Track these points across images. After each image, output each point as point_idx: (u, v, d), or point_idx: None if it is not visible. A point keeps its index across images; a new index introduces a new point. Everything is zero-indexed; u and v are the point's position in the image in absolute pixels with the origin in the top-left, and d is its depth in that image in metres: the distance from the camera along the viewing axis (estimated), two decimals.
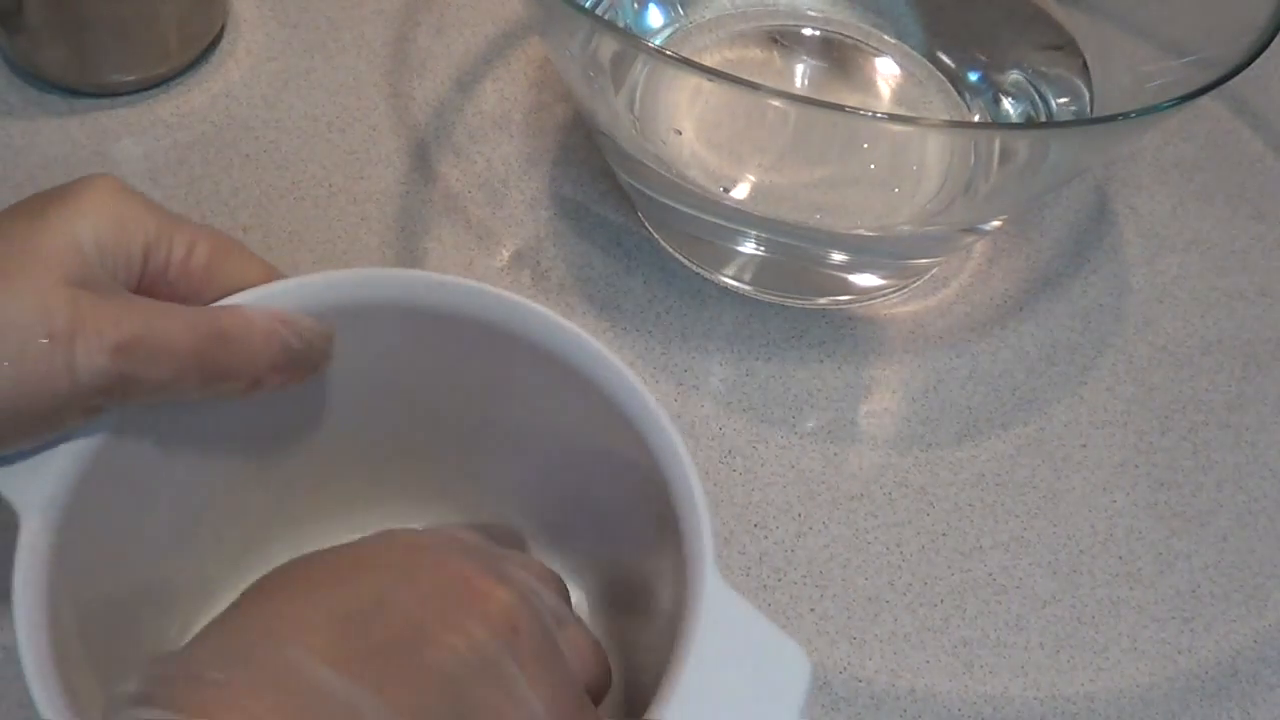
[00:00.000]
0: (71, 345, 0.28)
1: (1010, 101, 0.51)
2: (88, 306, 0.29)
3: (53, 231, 0.30)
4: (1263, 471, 0.46)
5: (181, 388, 0.31)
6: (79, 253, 0.30)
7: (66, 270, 0.29)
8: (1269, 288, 0.52)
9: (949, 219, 0.48)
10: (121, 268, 0.31)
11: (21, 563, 0.29)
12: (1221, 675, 0.41)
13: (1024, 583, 0.43)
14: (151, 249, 0.31)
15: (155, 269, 0.32)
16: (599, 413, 0.33)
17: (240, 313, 0.32)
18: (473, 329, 0.34)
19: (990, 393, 0.47)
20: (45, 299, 0.28)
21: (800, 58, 0.54)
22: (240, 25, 0.55)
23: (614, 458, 0.34)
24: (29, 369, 0.28)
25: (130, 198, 0.31)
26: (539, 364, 0.34)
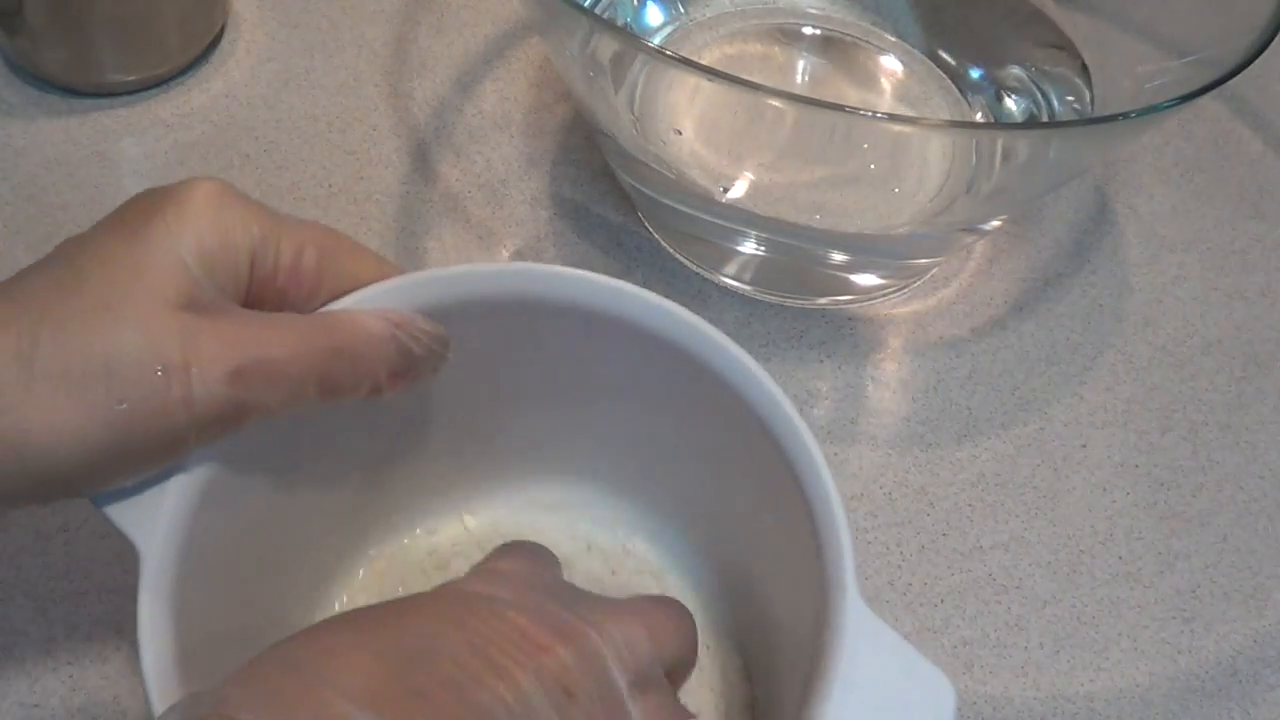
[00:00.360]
0: (187, 376, 0.27)
1: (1013, 99, 0.51)
2: (200, 332, 0.28)
3: (156, 250, 0.28)
4: (1263, 471, 0.46)
5: (299, 406, 0.30)
6: (185, 272, 0.28)
7: (174, 293, 0.28)
8: (1269, 288, 0.52)
9: (949, 219, 0.48)
10: (229, 280, 0.30)
11: (145, 602, 0.28)
12: (1221, 675, 0.41)
13: (1024, 583, 0.43)
14: (258, 256, 0.30)
15: (263, 276, 0.30)
16: (733, 419, 0.32)
17: (356, 321, 0.31)
18: (599, 324, 0.33)
19: (990, 393, 0.47)
20: (155, 329, 0.27)
21: (800, 56, 0.54)
22: (240, 25, 0.55)
23: (750, 472, 0.33)
24: (144, 403, 0.27)
25: (233, 203, 0.30)
26: (677, 366, 0.33)
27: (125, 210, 0.30)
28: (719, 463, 0.35)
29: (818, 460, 0.31)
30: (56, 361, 0.26)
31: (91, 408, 0.26)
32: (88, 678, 0.37)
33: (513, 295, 0.33)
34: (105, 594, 0.39)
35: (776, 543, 0.33)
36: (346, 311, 0.31)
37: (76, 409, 0.26)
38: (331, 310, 0.31)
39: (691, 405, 0.34)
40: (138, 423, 0.27)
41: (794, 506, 0.31)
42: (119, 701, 0.37)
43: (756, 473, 0.33)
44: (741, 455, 0.33)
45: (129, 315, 0.27)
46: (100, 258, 0.28)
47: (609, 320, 0.33)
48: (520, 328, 0.34)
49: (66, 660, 0.37)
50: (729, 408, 0.32)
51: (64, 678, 0.37)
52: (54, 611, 0.38)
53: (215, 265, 0.29)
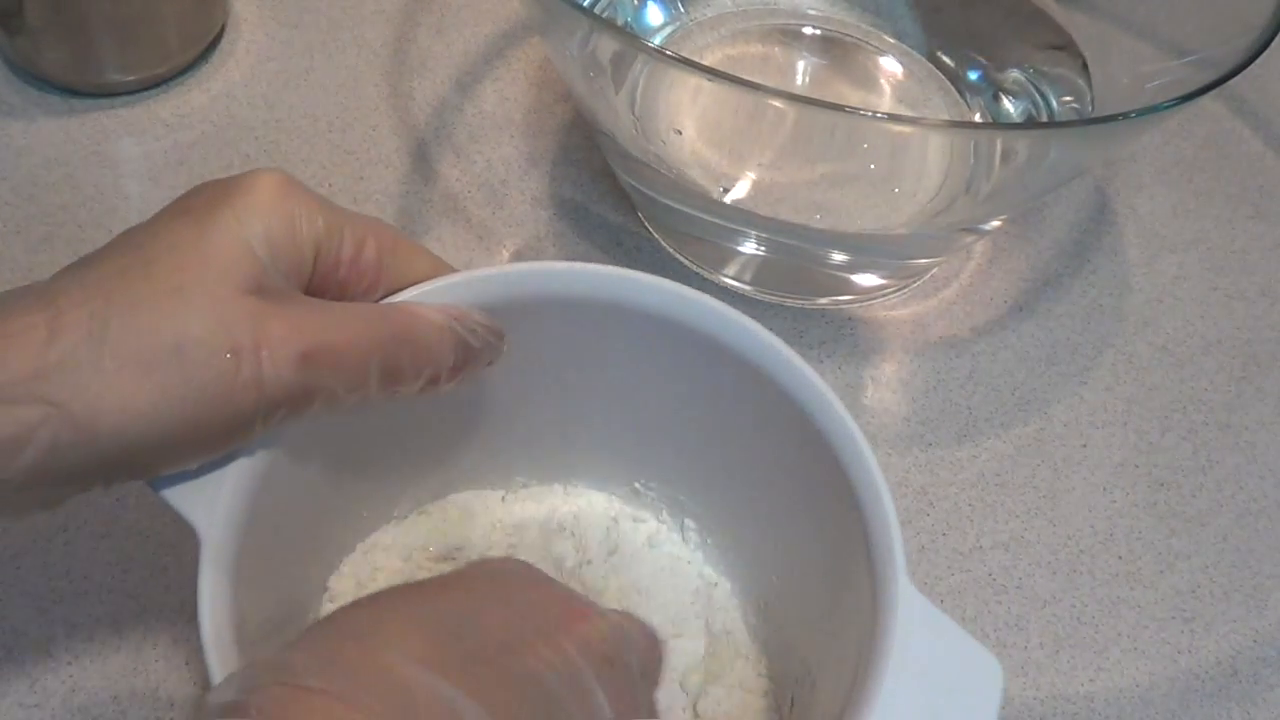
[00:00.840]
0: (257, 359, 0.27)
1: (1011, 100, 0.51)
2: (269, 317, 0.28)
3: (224, 236, 0.28)
4: (1263, 471, 0.46)
5: (362, 394, 0.30)
6: (252, 257, 0.29)
7: (242, 278, 0.28)
8: (1269, 288, 0.52)
9: (949, 219, 0.48)
10: (294, 269, 0.30)
11: (205, 586, 0.29)
12: (1221, 675, 0.41)
13: (1024, 583, 0.43)
14: (322, 247, 0.30)
15: (326, 267, 0.31)
16: (777, 409, 0.33)
17: (418, 312, 0.31)
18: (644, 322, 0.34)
19: (990, 393, 0.47)
20: (225, 313, 0.27)
21: (801, 56, 0.54)
22: (240, 25, 0.55)
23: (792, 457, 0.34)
24: (213, 387, 0.27)
25: (300, 194, 0.30)
26: (714, 358, 0.34)
27: (189, 199, 0.30)
28: (766, 456, 0.36)
29: (863, 446, 0.31)
30: (128, 344, 0.27)
31: (163, 389, 0.27)
32: (88, 678, 0.37)
33: (568, 295, 0.34)
34: (105, 594, 0.39)
35: (824, 534, 0.34)
36: (407, 303, 0.32)
37: (148, 390, 0.27)
38: (393, 301, 0.32)
39: (738, 400, 0.35)
40: (207, 405, 0.27)
41: (841, 495, 0.31)
42: (119, 701, 0.37)
43: (803, 465, 0.33)
44: (789, 449, 0.34)
45: (199, 299, 0.27)
46: (168, 243, 0.28)
47: (652, 318, 0.34)
48: (572, 325, 0.35)
49: (66, 660, 0.37)
50: (774, 400, 0.33)
51: (64, 678, 0.37)
52: (54, 611, 0.38)
53: (281, 254, 0.29)
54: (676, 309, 0.34)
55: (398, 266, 0.32)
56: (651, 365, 0.36)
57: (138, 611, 0.39)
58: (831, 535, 0.33)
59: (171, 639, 0.38)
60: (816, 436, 0.32)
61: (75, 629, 0.38)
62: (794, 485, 0.35)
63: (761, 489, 0.37)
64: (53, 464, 0.27)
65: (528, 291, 0.34)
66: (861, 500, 0.31)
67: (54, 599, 0.39)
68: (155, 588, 0.39)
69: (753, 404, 0.34)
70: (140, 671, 0.37)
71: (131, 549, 0.40)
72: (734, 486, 0.38)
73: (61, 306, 0.27)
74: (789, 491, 0.35)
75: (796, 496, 0.35)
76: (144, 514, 0.40)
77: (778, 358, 0.33)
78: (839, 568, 0.32)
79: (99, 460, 0.27)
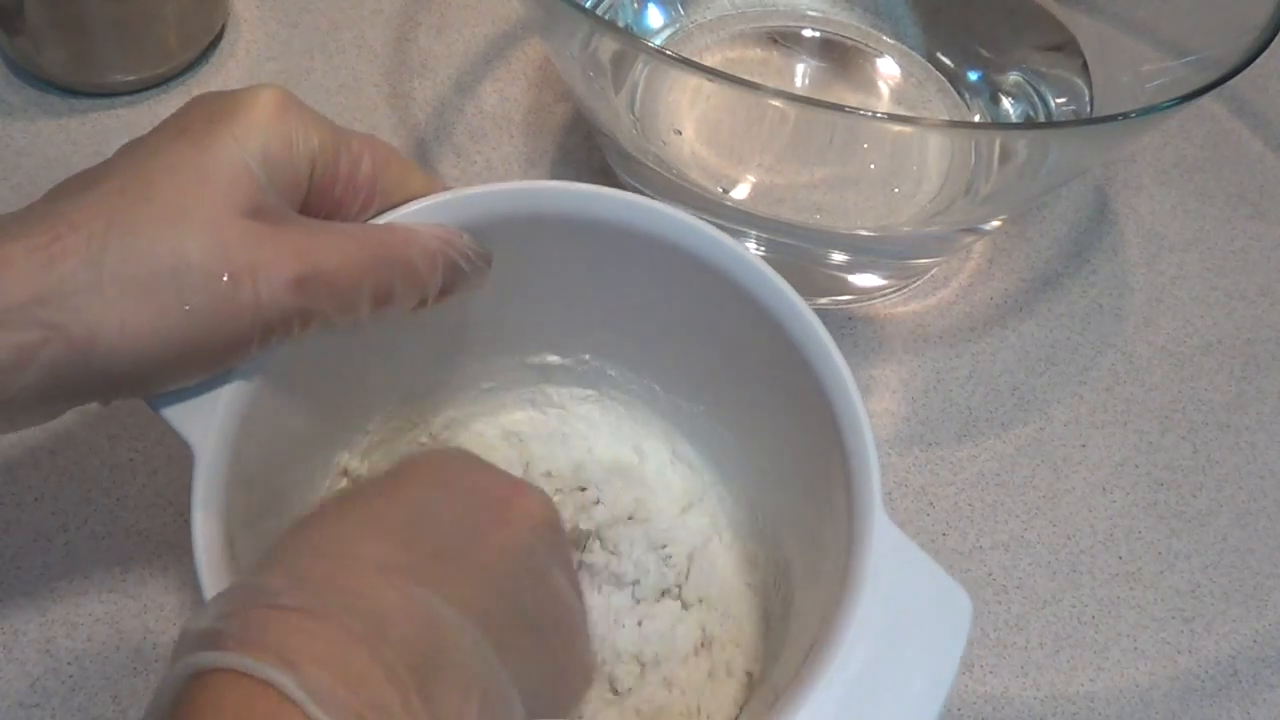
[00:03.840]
0: (253, 281, 0.28)
1: (1010, 101, 0.51)
2: (266, 240, 0.28)
3: (223, 157, 0.29)
4: (1263, 471, 0.46)
5: (354, 315, 0.30)
6: (250, 177, 0.29)
7: (240, 198, 0.28)
8: (1269, 288, 0.52)
9: (949, 219, 0.48)
10: (290, 187, 0.30)
11: (199, 500, 0.29)
12: (1221, 675, 0.41)
13: (1024, 583, 0.43)
14: (319, 165, 0.31)
15: (322, 184, 0.31)
16: (760, 330, 0.34)
17: (410, 235, 0.32)
18: (627, 238, 0.34)
19: (990, 393, 0.47)
20: (222, 236, 0.28)
21: (800, 58, 0.54)
22: (240, 25, 0.55)
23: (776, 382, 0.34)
24: (210, 310, 0.28)
25: (297, 111, 0.30)
26: (700, 277, 0.34)
27: (187, 116, 0.30)
28: (754, 380, 0.36)
29: (845, 376, 0.32)
30: (126, 266, 0.27)
31: (160, 311, 0.27)
32: (88, 678, 0.37)
33: (555, 212, 0.34)
34: (105, 594, 0.39)
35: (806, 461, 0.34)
36: (400, 225, 0.32)
37: (145, 312, 0.27)
38: (386, 222, 0.32)
39: (721, 316, 0.35)
40: (204, 326, 0.28)
41: (823, 425, 0.32)
42: (119, 701, 0.37)
43: (787, 389, 0.34)
44: (773, 372, 0.34)
45: (197, 222, 0.28)
46: (167, 164, 0.28)
47: (643, 238, 0.34)
48: (560, 241, 0.35)
49: (66, 660, 0.37)
50: (755, 320, 0.34)
51: (64, 678, 0.37)
52: (54, 611, 0.38)
53: (278, 173, 0.29)
54: (661, 227, 0.34)
55: (391, 183, 0.32)
56: (636, 280, 0.36)
57: (138, 611, 0.39)
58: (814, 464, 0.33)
59: (172, 639, 0.38)
60: (801, 365, 0.33)
61: (75, 629, 0.38)
62: (779, 407, 0.35)
63: (748, 407, 0.37)
64: (53, 384, 0.27)
65: (517, 209, 0.34)
66: (842, 430, 0.31)
67: (54, 599, 0.39)
68: (155, 588, 0.39)
69: (736, 322, 0.35)
70: (140, 671, 0.37)
71: (131, 549, 0.40)
72: (723, 401, 0.38)
73: (60, 230, 0.27)
74: (774, 412, 0.36)
75: (781, 419, 0.35)
76: (144, 514, 0.40)
77: (763, 281, 0.33)
78: (820, 491, 0.33)
79: (98, 380, 0.28)
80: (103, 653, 0.38)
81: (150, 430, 0.42)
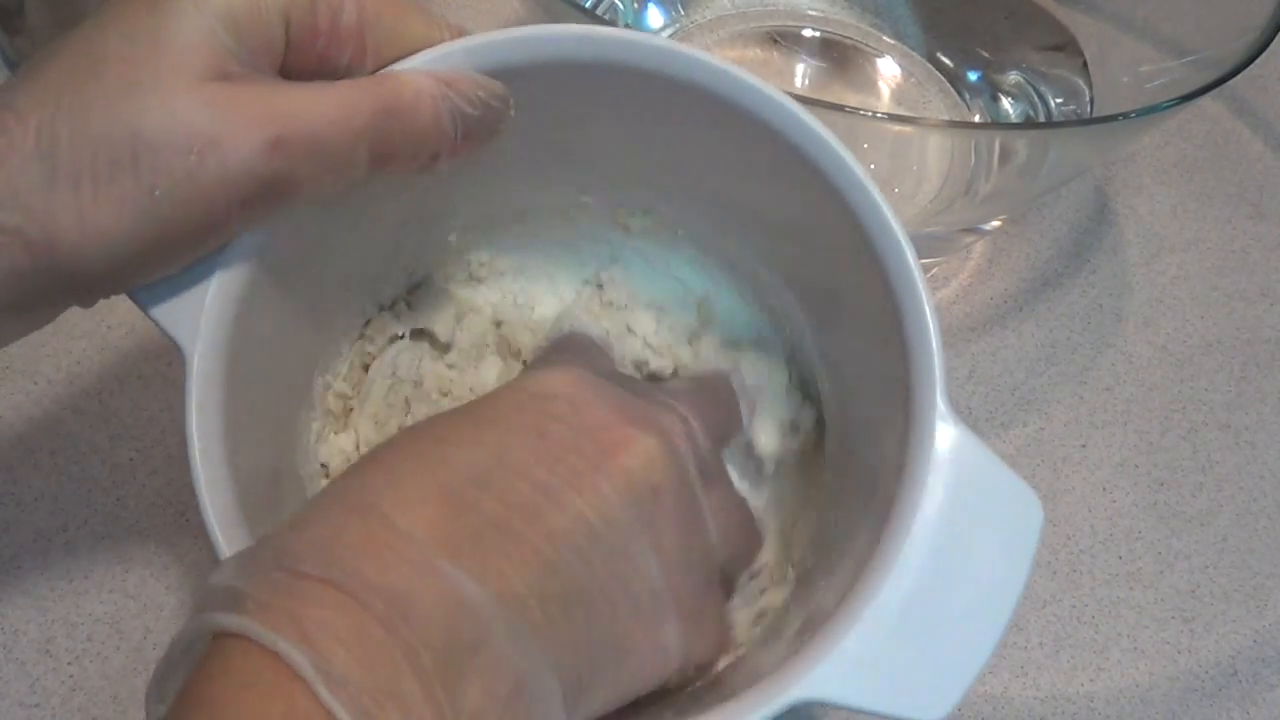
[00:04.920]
0: (221, 151, 0.25)
1: (1009, 101, 0.51)
2: (233, 104, 0.25)
3: (180, 20, 0.26)
4: (1263, 471, 0.46)
5: (349, 176, 0.28)
6: (213, 40, 0.26)
7: (202, 65, 0.25)
8: (1269, 288, 0.52)
9: (949, 219, 0.48)
10: (263, 47, 0.27)
11: (194, 400, 0.27)
12: (1221, 675, 0.41)
13: None
14: (293, 18, 0.27)
15: (301, 40, 0.27)
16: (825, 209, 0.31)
17: (404, 80, 0.28)
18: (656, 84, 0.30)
19: (990, 393, 0.47)
20: (183, 106, 0.25)
21: (800, 58, 0.54)
22: None
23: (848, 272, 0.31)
24: (177, 190, 0.25)
25: None
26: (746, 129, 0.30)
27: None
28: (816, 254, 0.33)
29: (909, 257, 0.29)
30: (80, 155, 0.25)
31: (122, 201, 0.25)
32: (88, 678, 0.37)
33: (580, 58, 0.30)
34: (105, 594, 0.39)
35: (870, 350, 0.32)
36: (391, 74, 0.29)
37: (106, 204, 0.25)
38: (379, 74, 0.29)
39: (774, 178, 0.32)
40: (173, 209, 0.25)
41: (886, 312, 0.29)
42: (119, 701, 0.37)
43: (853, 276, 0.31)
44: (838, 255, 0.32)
45: (154, 95, 0.25)
46: (121, 32, 0.26)
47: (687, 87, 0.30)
48: (589, 91, 0.32)
49: (66, 660, 0.37)
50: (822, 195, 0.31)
51: (64, 678, 0.37)
52: (54, 611, 0.38)
53: (247, 32, 0.26)
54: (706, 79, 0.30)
55: (385, 32, 0.29)
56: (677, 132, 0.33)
57: (138, 611, 0.39)
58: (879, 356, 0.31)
59: None
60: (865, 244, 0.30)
61: (75, 629, 0.38)
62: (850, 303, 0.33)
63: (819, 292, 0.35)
64: (20, 292, 0.25)
65: (534, 56, 0.30)
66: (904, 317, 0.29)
67: (54, 599, 0.39)
68: (155, 588, 0.39)
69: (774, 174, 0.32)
70: (140, 671, 0.37)
71: (131, 549, 0.40)
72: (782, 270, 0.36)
73: (7, 122, 0.25)
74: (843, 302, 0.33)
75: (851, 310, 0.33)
76: (144, 514, 0.40)
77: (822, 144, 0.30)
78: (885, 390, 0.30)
79: (66, 281, 0.26)
80: (103, 653, 0.38)
81: (150, 430, 0.42)
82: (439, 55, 0.29)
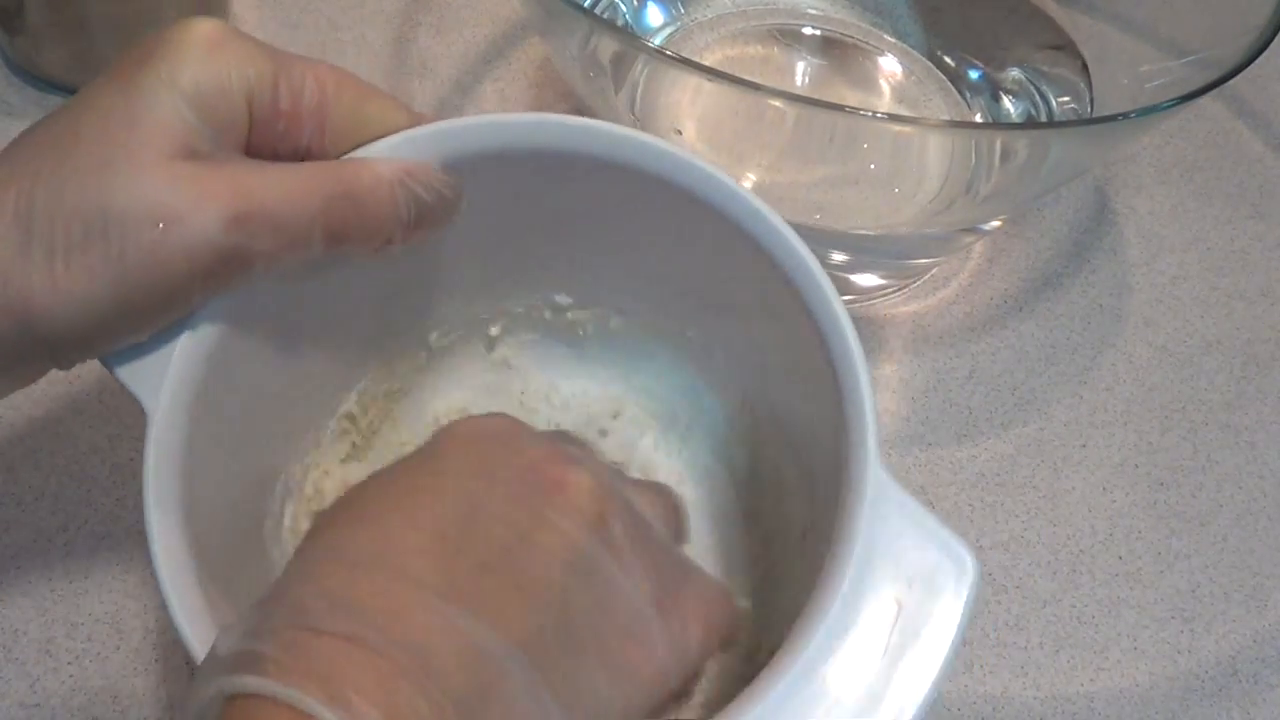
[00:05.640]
0: (184, 227, 0.26)
1: (1010, 100, 0.51)
2: (197, 180, 0.27)
3: (151, 99, 0.27)
4: (1263, 471, 0.46)
5: (305, 255, 0.29)
6: (180, 120, 0.27)
7: (170, 143, 0.27)
8: (1269, 288, 0.52)
9: (949, 219, 0.48)
10: (228, 126, 0.28)
11: (152, 460, 0.28)
12: (1221, 675, 0.41)
13: (1024, 583, 0.43)
14: (256, 98, 0.29)
15: (263, 119, 0.29)
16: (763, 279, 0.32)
17: (362, 165, 0.30)
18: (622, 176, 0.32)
19: (990, 393, 0.47)
20: (151, 182, 0.26)
21: (801, 56, 0.54)
22: (240, 25, 0.55)
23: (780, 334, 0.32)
24: (144, 261, 0.26)
25: (230, 43, 0.28)
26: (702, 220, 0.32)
27: (122, 59, 0.29)
28: (750, 322, 0.35)
29: (844, 324, 0.30)
30: (54, 225, 0.26)
31: (91, 270, 0.26)
32: (88, 678, 0.37)
33: (536, 146, 0.32)
34: (105, 594, 0.39)
35: (803, 408, 0.32)
36: (354, 158, 0.30)
37: (78, 272, 0.26)
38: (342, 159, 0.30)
39: (716, 255, 0.33)
40: (140, 278, 0.26)
41: (819, 371, 0.30)
42: (119, 701, 0.37)
43: (786, 336, 0.32)
44: (771, 318, 0.33)
45: (124, 171, 0.26)
46: (97, 111, 0.27)
47: (634, 173, 0.32)
48: (544, 178, 0.33)
49: (66, 660, 0.37)
50: (756, 266, 0.32)
51: (64, 678, 0.37)
52: (54, 611, 0.38)
53: (212, 112, 0.28)
54: (652, 163, 0.32)
55: (346, 112, 0.30)
56: (620, 214, 0.34)
57: (138, 611, 0.39)
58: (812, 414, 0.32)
59: (172, 639, 0.38)
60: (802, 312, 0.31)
61: (75, 629, 0.38)
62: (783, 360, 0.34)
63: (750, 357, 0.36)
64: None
65: (491, 144, 0.32)
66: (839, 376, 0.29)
67: (54, 599, 0.39)
68: (155, 588, 0.39)
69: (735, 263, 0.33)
70: (140, 671, 0.37)
71: (131, 548, 0.40)
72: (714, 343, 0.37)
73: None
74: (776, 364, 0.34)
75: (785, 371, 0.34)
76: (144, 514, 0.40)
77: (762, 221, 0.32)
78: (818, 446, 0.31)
79: (43, 345, 0.27)
80: (103, 653, 0.38)
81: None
82: (401, 141, 0.31)
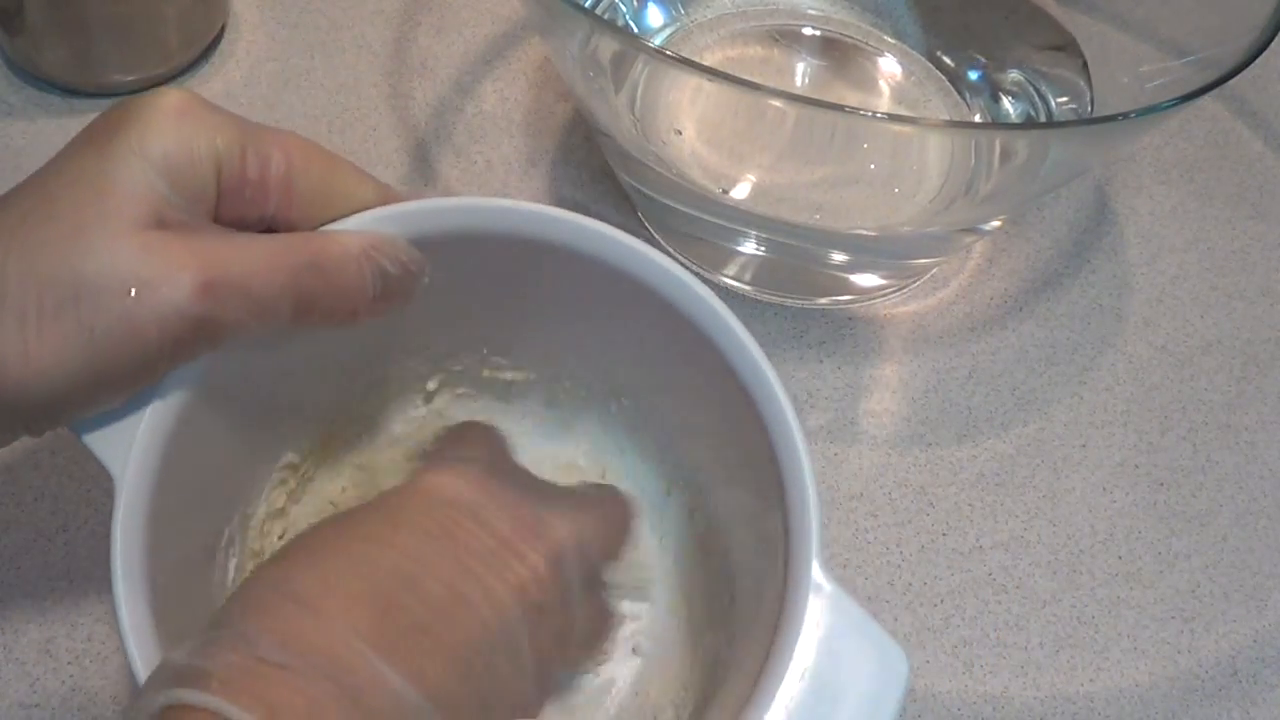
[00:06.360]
0: (155, 295, 0.27)
1: (1010, 101, 0.51)
2: (167, 250, 0.27)
3: (122, 168, 0.28)
4: (1263, 471, 0.46)
5: (273, 325, 0.29)
6: (151, 189, 0.28)
7: (141, 212, 0.27)
8: (1269, 288, 0.52)
9: (949, 219, 0.48)
10: (196, 195, 0.29)
11: (119, 531, 0.29)
12: (1221, 675, 0.41)
13: (1024, 583, 0.43)
14: (224, 168, 0.29)
15: (230, 188, 0.29)
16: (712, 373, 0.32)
17: (332, 239, 0.30)
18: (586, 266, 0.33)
19: (990, 393, 0.47)
20: (122, 251, 0.27)
21: (800, 57, 0.54)
22: (240, 25, 0.55)
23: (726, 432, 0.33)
24: (115, 329, 0.27)
25: (198, 113, 0.29)
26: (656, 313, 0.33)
27: (95, 125, 0.29)
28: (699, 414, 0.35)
29: (790, 422, 0.31)
30: (26, 292, 0.26)
31: (63, 339, 0.26)
32: (88, 678, 0.37)
33: (503, 232, 0.33)
34: (105, 594, 0.39)
35: (746, 502, 0.34)
36: (322, 231, 0.31)
37: (49, 341, 0.26)
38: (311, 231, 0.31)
39: (668, 350, 0.34)
40: (111, 346, 0.27)
41: (764, 467, 0.31)
42: (119, 701, 0.37)
43: (733, 433, 0.33)
44: (719, 414, 0.34)
45: (96, 240, 0.27)
46: (69, 179, 0.28)
47: (596, 264, 0.33)
48: (509, 262, 0.34)
49: (66, 660, 0.37)
50: (707, 358, 0.33)
51: (64, 678, 0.37)
52: (54, 611, 0.38)
53: (181, 180, 0.28)
54: (612, 254, 0.33)
55: (314, 183, 0.31)
56: (579, 304, 0.35)
57: None
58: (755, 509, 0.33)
59: None
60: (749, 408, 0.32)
61: (75, 629, 0.38)
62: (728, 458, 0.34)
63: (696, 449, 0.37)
64: None
65: (458, 226, 0.33)
66: (783, 473, 0.30)
67: (54, 599, 0.39)
68: None
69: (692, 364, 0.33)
70: None
71: None
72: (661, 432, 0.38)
73: None
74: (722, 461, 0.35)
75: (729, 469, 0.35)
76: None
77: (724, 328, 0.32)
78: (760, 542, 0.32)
79: (14, 414, 0.27)
80: (103, 653, 0.38)
81: None
82: (369, 220, 0.32)
